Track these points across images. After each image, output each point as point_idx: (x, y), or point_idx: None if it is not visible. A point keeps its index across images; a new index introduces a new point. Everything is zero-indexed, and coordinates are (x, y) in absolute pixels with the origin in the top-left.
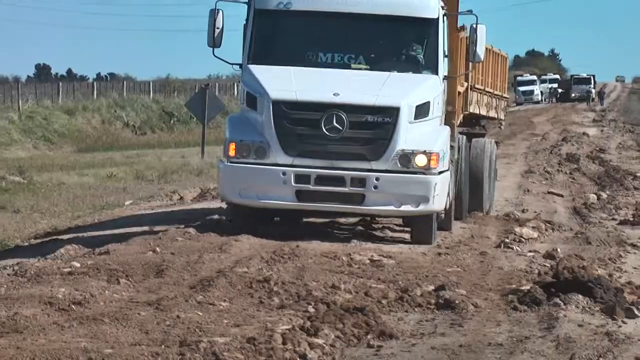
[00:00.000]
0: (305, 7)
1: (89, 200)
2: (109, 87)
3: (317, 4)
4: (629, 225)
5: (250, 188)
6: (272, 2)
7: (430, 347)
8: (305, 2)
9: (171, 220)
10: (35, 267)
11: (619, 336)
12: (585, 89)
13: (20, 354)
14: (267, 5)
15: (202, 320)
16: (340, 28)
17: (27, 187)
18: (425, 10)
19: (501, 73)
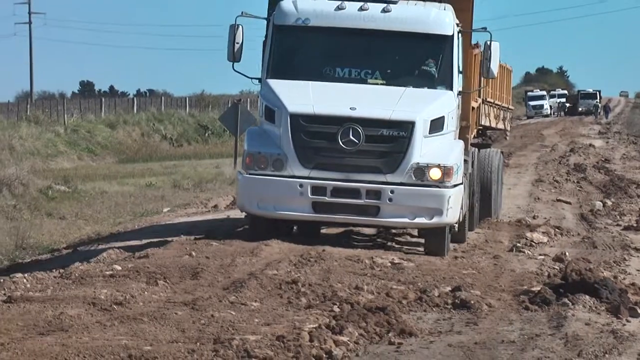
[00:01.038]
0: (323, 24)
1: (130, 208)
2: (148, 103)
3: (334, 21)
4: (632, 230)
5: (268, 199)
6: (290, 19)
7: (447, 345)
8: (323, 18)
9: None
10: (80, 270)
11: (624, 334)
12: (591, 104)
13: (65, 350)
14: (286, 21)
15: (234, 319)
16: (357, 44)
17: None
18: (440, 27)
19: (506, 85)
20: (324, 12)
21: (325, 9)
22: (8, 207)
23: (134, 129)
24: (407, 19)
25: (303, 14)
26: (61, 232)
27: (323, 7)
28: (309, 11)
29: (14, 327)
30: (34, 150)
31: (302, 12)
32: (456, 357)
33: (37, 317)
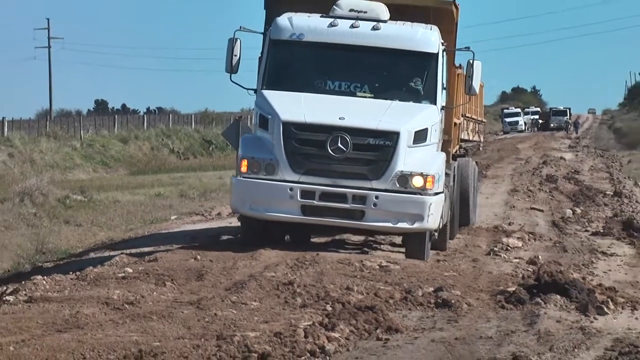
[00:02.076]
0: (316, 39)
1: (140, 216)
2: (157, 119)
3: (327, 37)
4: (599, 236)
5: (260, 201)
6: (285, 33)
7: (430, 340)
8: (316, 34)
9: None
10: (94, 272)
11: (591, 330)
12: (562, 120)
13: (81, 346)
14: (281, 36)
15: (236, 317)
16: (347, 59)
17: (87, 204)
18: (426, 46)
19: (480, 100)
20: (317, 29)
21: (318, 26)
22: (29, 215)
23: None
24: (395, 37)
25: (298, 30)
26: (77, 238)
27: (317, 24)
28: (303, 27)
29: (34, 324)
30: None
31: (297, 27)
32: (438, 351)
33: (56, 315)
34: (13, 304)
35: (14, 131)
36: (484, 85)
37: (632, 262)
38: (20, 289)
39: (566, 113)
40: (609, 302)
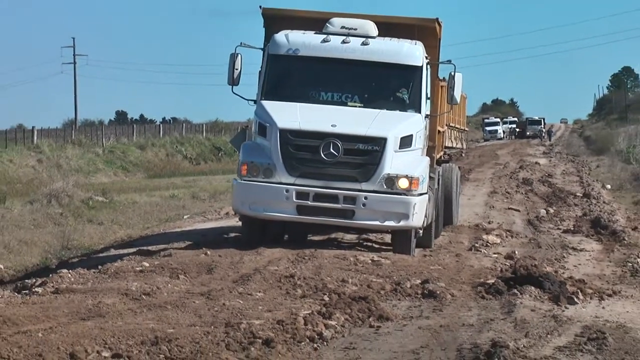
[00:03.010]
0: (310, 54)
1: (156, 215)
2: (172, 128)
3: (320, 51)
4: (570, 233)
5: (258, 202)
6: (283, 49)
7: (417, 327)
8: (310, 49)
9: (219, 231)
10: (115, 266)
11: (563, 318)
12: (537, 129)
13: (103, 333)
14: (278, 51)
15: (242, 307)
16: (339, 72)
17: (108, 205)
18: (412, 59)
19: (463, 110)
20: (311, 44)
21: (312, 41)
22: (56, 215)
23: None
24: (383, 51)
25: (294, 45)
26: (99, 236)
27: (311, 40)
28: (298, 43)
29: (60, 313)
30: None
31: (293, 43)
32: (425, 337)
33: (80, 305)
34: (41, 295)
35: (43, 139)
36: (466, 97)
37: (600, 257)
38: (48, 281)
39: (541, 122)
40: (579, 293)
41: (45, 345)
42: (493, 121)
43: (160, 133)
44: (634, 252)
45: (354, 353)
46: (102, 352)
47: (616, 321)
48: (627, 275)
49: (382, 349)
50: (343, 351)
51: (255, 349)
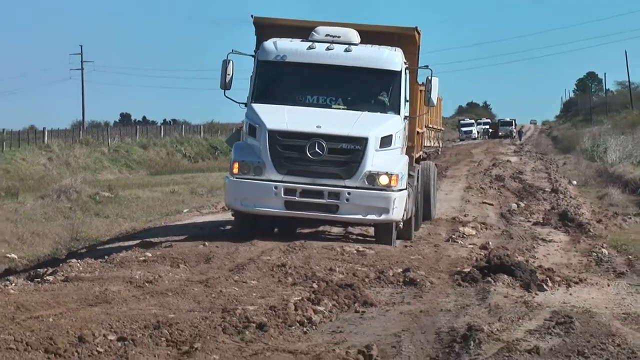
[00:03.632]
0: (297, 60)
1: (158, 209)
2: (172, 129)
3: (306, 58)
4: (539, 225)
5: (249, 198)
6: (271, 55)
7: (399, 312)
8: (297, 56)
9: (216, 224)
10: (120, 256)
11: (533, 304)
12: (508, 129)
13: (109, 317)
14: (267, 57)
15: (237, 293)
16: (324, 76)
17: (114, 199)
18: (391, 64)
19: (439, 111)
20: (298, 51)
21: (299, 48)
22: (65, 209)
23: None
24: (364, 57)
25: (281, 52)
26: (105, 228)
27: (297, 47)
28: (286, 50)
29: (70, 300)
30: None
31: (281, 50)
32: (406, 322)
33: (88, 292)
34: (52, 283)
35: (53, 139)
36: (442, 99)
37: (567, 247)
38: (58, 270)
39: (512, 123)
40: (548, 280)
41: (56, 329)
42: (468, 122)
43: (161, 133)
44: (599, 243)
45: (341, 336)
46: (108, 335)
47: (582, 307)
48: (592, 264)
49: (367, 332)
50: (330, 334)
51: (250, 332)
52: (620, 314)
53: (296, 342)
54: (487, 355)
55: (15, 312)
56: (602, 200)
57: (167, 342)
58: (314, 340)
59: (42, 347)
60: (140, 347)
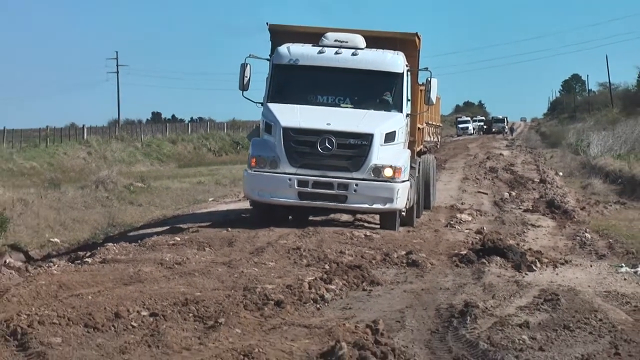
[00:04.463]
0: (308, 63)
1: (185, 198)
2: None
3: (317, 61)
4: (529, 212)
5: (266, 189)
6: (285, 59)
7: (403, 291)
8: (308, 59)
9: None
10: (152, 240)
11: (523, 283)
12: (501, 126)
13: (142, 295)
14: (282, 61)
15: (257, 274)
16: (333, 78)
17: (146, 189)
18: (394, 67)
19: (438, 109)
20: (309, 55)
21: (310, 53)
22: (102, 198)
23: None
24: (370, 61)
25: (294, 56)
26: (139, 215)
27: (309, 51)
28: (298, 54)
29: (106, 279)
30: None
31: (294, 54)
32: (409, 299)
33: (123, 272)
34: (91, 264)
35: (91, 135)
36: (440, 99)
37: (554, 232)
38: (96, 253)
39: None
40: (537, 262)
41: (94, 306)
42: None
43: (188, 130)
44: (582, 228)
45: (350, 312)
46: (141, 311)
47: (568, 285)
48: (577, 247)
49: (374, 308)
50: (341, 310)
51: (269, 308)
52: (602, 292)
53: (310, 317)
54: (482, 329)
55: (58, 290)
56: (586, 190)
57: (194, 317)
58: (326, 316)
59: (82, 322)
60: (170, 322)
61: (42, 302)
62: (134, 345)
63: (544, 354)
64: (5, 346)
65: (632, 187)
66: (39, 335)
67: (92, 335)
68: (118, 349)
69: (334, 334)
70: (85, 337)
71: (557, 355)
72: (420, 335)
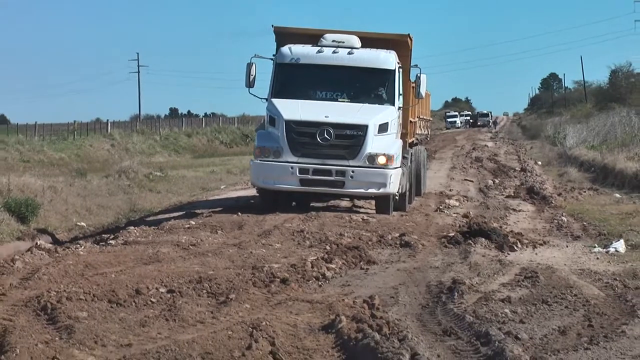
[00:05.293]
0: (308, 62)
1: (200, 185)
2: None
3: (316, 60)
4: (511, 198)
5: (270, 177)
6: (287, 58)
7: (396, 269)
8: (308, 58)
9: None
10: (169, 224)
11: (506, 262)
12: (486, 120)
13: (160, 274)
14: (284, 60)
15: (264, 254)
16: (330, 75)
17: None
18: (386, 64)
19: (428, 104)
20: (309, 54)
21: (310, 52)
22: (124, 186)
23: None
24: (364, 59)
25: (296, 55)
26: (157, 201)
27: (309, 51)
28: (299, 53)
29: (128, 260)
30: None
31: (295, 54)
32: (402, 276)
33: (143, 253)
34: (114, 246)
35: (115, 129)
36: (430, 95)
37: (533, 215)
38: (119, 235)
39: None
40: (518, 242)
41: (117, 283)
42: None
43: (203, 124)
44: (559, 212)
45: (349, 288)
46: (159, 288)
47: (546, 264)
48: (554, 230)
49: (370, 285)
50: (341, 287)
51: (275, 285)
52: (576, 270)
53: (312, 293)
54: (468, 303)
55: (84, 269)
56: (562, 177)
57: (208, 293)
58: (327, 292)
59: (106, 297)
60: (186, 297)
61: (70, 280)
62: (153, 319)
63: (524, 326)
64: (37, 320)
65: (604, 175)
66: (67, 310)
67: (115, 310)
68: (138, 322)
69: (334, 308)
70: (108, 312)
71: (536, 327)
72: (412, 310)
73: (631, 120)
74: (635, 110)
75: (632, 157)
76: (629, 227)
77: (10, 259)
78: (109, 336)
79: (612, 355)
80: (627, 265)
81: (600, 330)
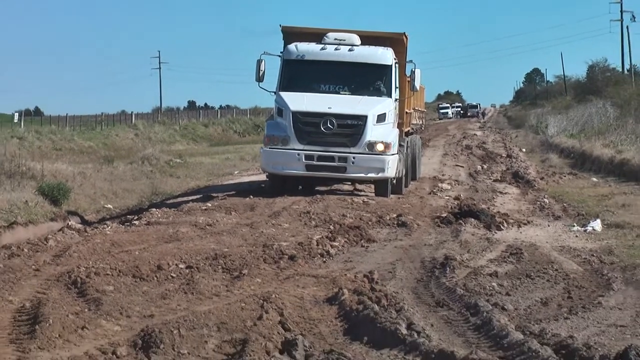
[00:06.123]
0: (313, 58)
1: (216, 171)
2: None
3: (320, 56)
4: (498, 181)
5: (278, 163)
6: (293, 55)
7: (394, 247)
8: (313, 55)
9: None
10: (187, 206)
11: (493, 240)
12: (475, 111)
13: (179, 251)
14: (290, 56)
15: (274, 233)
16: (333, 70)
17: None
18: (384, 60)
19: (422, 97)
20: (314, 51)
21: (314, 49)
22: (147, 172)
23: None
24: (364, 55)
25: (301, 52)
26: (177, 186)
27: (313, 48)
28: (305, 50)
29: (150, 238)
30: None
31: (301, 51)
32: (398, 253)
33: (164, 233)
34: (138, 226)
35: (138, 120)
36: (424, 88)
37: (518, 197)
38: (142, 216)
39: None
40: (504, 222)
41: (140, 260)
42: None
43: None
44: (541, 195)
45: (351, 264)
46: (179, 264)
47: (529, 241)
48: (537, 210)
49: (370, 261)
50: (343, 263)
51: (283, 261)
52: (557, 247)
53: (317, 269)
54: (459, 277)
55: (110, 247)
56: (544, 163)
57: (223, 269)
58: (331, 268)
59: (131, 273)
60: (203, 273)
61: (98, 257)
62: (173, 292)
63: (509, 298)
64: (68, 293)
65: (582, 161)
66: (95, 284)
67: (139, 284)
68: (160, 295)
69: (337, 282)
70: (133, 286)
71: (520, 299)
72: (408, 283)
73: (607, 111)
74: (611, 102)
75: (608, 144)
76: (604, 208)
77: (44, 238)
78: (133, 308)
79: (590, 324)
80: (603, 242)
81: (578, 302)
